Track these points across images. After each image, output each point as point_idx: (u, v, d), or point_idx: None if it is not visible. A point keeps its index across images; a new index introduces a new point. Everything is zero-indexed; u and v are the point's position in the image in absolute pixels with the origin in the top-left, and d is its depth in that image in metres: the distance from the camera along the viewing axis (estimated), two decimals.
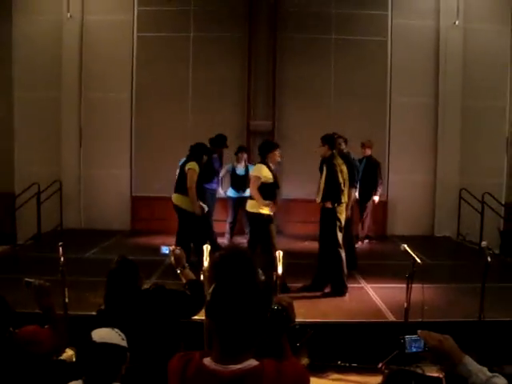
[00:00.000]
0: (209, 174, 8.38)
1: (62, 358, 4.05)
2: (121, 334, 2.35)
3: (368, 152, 9.73)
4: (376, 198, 9.83)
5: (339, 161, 6.60)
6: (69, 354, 4.27)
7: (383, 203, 11.10)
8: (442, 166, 11.20)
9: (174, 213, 7.75)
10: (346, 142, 7.96)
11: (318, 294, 6.50)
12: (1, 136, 10.94)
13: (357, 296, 6.55)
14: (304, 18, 11.12)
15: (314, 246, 8.37)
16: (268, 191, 6.49)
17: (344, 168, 6.59)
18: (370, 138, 9.92)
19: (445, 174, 11.14)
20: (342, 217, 6.52)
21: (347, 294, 6.49)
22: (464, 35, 11.03)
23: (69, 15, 10.93)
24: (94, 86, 11.13)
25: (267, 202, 6.44)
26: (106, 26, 11.18)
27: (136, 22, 11.20)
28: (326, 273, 6.57)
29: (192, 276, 3.57)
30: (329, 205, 6.39)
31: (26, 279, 3.18)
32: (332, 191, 6.39)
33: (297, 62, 11.09)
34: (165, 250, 3.79)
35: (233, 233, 9.52)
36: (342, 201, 6.47)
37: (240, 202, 9.03)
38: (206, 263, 4.75)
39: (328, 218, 6.46)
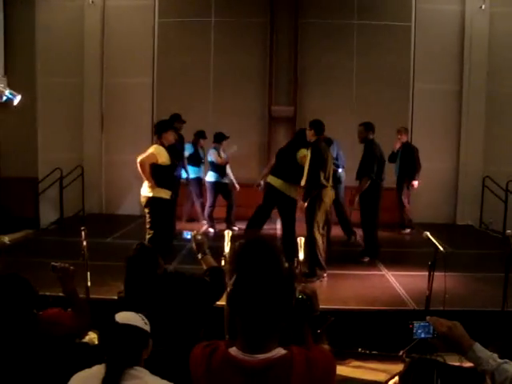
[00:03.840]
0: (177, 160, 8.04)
1: (84, 340, 4.11)
2: (144, 319, 2.36)
3: (404, 138, 9.68)
4: (415, 183, 9.81)
5: (324, 146, 6.65)
6: (91, 336, 4.33)
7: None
8: (465, 153, 11.02)
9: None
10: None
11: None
12: (24, 122, 11.01)
13: (378, 283, 6.53)
14: (326, 3, 10.96)
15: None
16: (164, 175, 6.36)
17: (329, 153, 6.70)
18: (392, 124, 9.80)
19: (468, 162, 10.96)
20: (327, 199, 6.49)
21: (324, 279, 6.48)
22: (490, 19, 10.76)
23: (90, 1, 10.93)
24: (116, 72, 11.16)
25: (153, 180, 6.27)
26: (127, 11, 11.18)
27: (157, 8, 11.15)
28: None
29: (213, 263, 3.58)
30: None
31: (53, 263, 3.24)
32: (315, 175, 6.37)
33: (319, 48, 10.97)
34: (186, 234, 3.81)
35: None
36: (327, 184, 6.46)
37: (220, 187, 9.30)
38: (226, 248, 4.75)
39: (310, 201, 6.42)
